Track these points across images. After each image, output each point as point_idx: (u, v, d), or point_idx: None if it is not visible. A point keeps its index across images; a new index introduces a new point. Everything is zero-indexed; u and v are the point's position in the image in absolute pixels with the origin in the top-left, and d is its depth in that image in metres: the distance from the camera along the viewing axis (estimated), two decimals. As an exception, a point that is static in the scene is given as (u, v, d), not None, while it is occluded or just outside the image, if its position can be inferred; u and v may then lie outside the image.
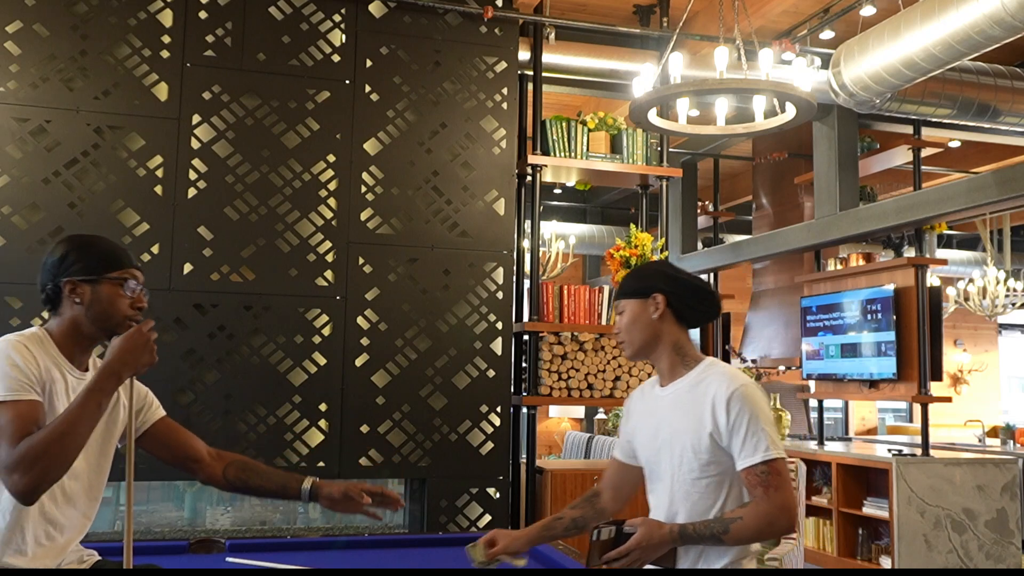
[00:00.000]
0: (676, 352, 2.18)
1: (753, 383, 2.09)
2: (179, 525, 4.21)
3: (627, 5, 5.59)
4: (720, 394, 2.05)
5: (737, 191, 9.47)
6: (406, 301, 4.37)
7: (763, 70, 3.69)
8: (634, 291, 2.19)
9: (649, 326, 2.16)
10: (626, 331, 2.19)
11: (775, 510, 1.99)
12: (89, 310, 1.99)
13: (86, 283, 1.98)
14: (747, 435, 2.01)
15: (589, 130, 4.91)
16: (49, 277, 2.00)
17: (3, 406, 1.81)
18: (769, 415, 2.06)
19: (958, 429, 9.29)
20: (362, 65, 4.41)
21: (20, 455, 1.74)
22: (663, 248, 4.92)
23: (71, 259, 1.99)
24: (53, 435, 1.77)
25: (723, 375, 2.09)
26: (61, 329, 2.01)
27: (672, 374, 2.19)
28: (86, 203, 3.99)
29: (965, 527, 5.50)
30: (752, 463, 2.00)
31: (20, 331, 2.00)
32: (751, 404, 2.03)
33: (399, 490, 4.60)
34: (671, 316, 2.17)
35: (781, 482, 2.00)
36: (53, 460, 1.76)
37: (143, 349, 1.90)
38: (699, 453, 2.06)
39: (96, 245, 2.04)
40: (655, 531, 2.05)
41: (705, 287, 2.22)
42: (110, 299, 1.99)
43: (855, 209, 6.14)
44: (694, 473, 2.08)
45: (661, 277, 2.19)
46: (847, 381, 6.36)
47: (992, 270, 8.46)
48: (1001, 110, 5.65)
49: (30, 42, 3.98)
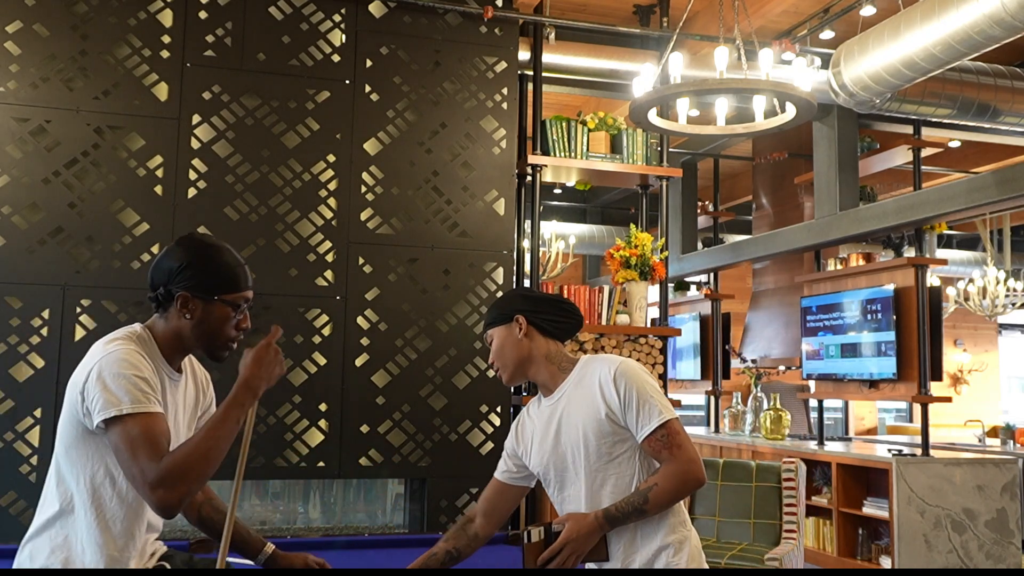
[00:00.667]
0: (551, 362, 2.27)
1: (630, 360, 2.20)
2: (179, 525, 4.21)
3: (627, 5, 5.59)
4: (604, 375, 2.15)
5: (737, 191, 9.47)
6: (406, 301, 4.37)
7: (763, 70, 3.69)
8: (496, 319, 2.29)
9: (517, 346, 2.26)
10: (498, 357, 2.29)
11: (685, 464, 2.09)
12: (196, 327, 1.97)
13: (200, 300, 1.95)
14: (639, 406, 2.12)
15: (589, 130, 4.91)
16: (163, 280, 1.96)
17: (134, 419, 1.78)
18: (653, 383, 2.18)
19: (958, 429, 9.29)
20: (362, 65, 4.41)
21: (166, 471, 1.73)
22: (663, 248, 4.92)
23: (190, 272, 1.94)
24: (198, 451, 1.77)
25: (601, 360, 2.21)
26: (165, 333, 1.99)
27: (554, 382, 2.27)
28: (86, 203, 4.00)
29: (965, 527, 5.50)
30: (651, 430, 2.11)
31: (124, 328, 1.97)
32: (634, 377, 2.14)
33: (399, 490, 4.61)
34: (536, 332, 2.27)
35: (681, 439, 2.11)
36: (198, 476, 1.77)
37: (274, 362, 1.92)
38: (602, 436, 2.14)
39: (216, 260, 1.98)
40: (582, 522, 2.12)
41: (561, 300, 2.33)
42: (219, 321, 1.98)
43: (855, 209, 6.14)
44: (604, 457, 2.15)
45: (518, 299, 2.31)
46: (847, 381, 6.36)
47: (992, 270, 8.46)
48: (1001, 110, 5.65)
49: (30, 42, 3.98)
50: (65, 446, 1.90)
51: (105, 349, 1.88)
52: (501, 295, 2.42)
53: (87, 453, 1.87)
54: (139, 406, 1.80)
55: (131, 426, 1.78)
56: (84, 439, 1.87)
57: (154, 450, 1.76)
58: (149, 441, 1.77)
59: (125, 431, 1.77)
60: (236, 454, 1.94)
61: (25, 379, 3.85)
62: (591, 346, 4.64)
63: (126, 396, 1.80)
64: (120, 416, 1.78)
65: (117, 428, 1.78)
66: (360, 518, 4.56)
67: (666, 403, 2.15)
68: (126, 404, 1.79)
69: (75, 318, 3.93)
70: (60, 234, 3.96)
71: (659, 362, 4.73)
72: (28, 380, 3.84)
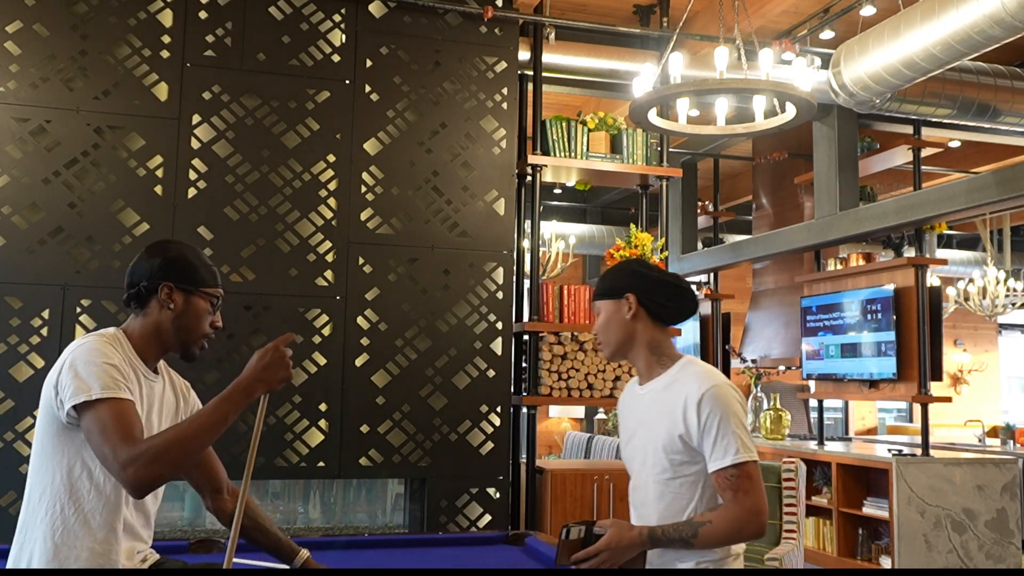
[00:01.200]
0: (652, 351, 2.17)
1: (727, 383, 2.07)
2: (179, 525, 4.21)
3: (627, 5, 5.60)
4: (692, 395, 2.04)
5: (737, 191, 9.47)
6: (406, 301, 4.37)
7: (763, 70, 3.69)
8: (607, 292, 2.19)
9: (623, 326, 2.16)
10: (602, 332, 2.20)
11: (745, 514, 1.98)
12: (178, 318, 2.03)
13: (182, 291, 2.03)
14: (718, 437, 2.00)
15: (589, 130, 4.91)
16: (144, 276, 2.04)
17: (104, 404, 1.82)
18: (742, 417, 2.04)
19: (958, 429, 9.29)
20: (362, 65, 4.41)
21: (140, 451, 1.75)
22: (663, 248, 4.92)
23: (176, 266, 2.03)
24: (177, 437, 1.79)
25: (697, 375, 2.08)
26: (142, 331, 2.04)
27: (649, 373, 2.19)
28: (86, 203, 4.00)
29: (965, 527, 5.50)
30: (722, 466, 1.99)
31: (99, 331, 2.02)
32: (723, 405, 2.02)
33: (399, 490, 4.61)
34: (645, 315, 2.16)
35: (751, 486, 1.99)
36: (171, 461, 1.77)
37: (280, 365, 1.90)
38: (670, 454, 2.06)
39: (198, 258, 2.09)
40: (624, 533, 2.04)
41: (679, 284, 2.20)
42: (198, 313, 2.05)
43: (855, 209, 6.14)
44: (667, 473, 2.07)
45: (633, 276, 2.19)
46: (847, 381, 6.36)
47: (992, 270, 8.46)
48: (1001, 110, 5.65)
49: (30, 42, 3.98)
50: (41, 444, 1.93)
51: (82, 340, 1.95)
52: (618, 264, 2.26)
53: (63, 448, 1.90)
54: (109, 392, 1.83)
55: (102, 410, 1.81)
56: (60, 435, 1.90)
57: (126, 431, 1.79)
58: (120, 423, 1.79)
59: (96, 415, 1.81)
60: (244, 454, 1.95)
61: (25, 379, 3.85)
62: (591, 346, 4.65)
63: (96, 382, 1.83)
64: (90, 401, 1.82)
65: (88, 413, 1.82)
66: (360, 518, 4.56)
67: (748, 443, 2.02)
68: (96, 390, 1.82)
69: (75, 318, 3.93)
70: (60, 234, 3.96)
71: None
72: (28, 380, 3.84)
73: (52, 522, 1.88)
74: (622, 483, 4.55)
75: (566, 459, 7.60)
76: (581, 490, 4.49)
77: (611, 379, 4.65)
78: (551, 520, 4.43)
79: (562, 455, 8.15)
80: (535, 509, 4.53)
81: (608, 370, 4.65)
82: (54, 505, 1.89)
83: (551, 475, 4.51)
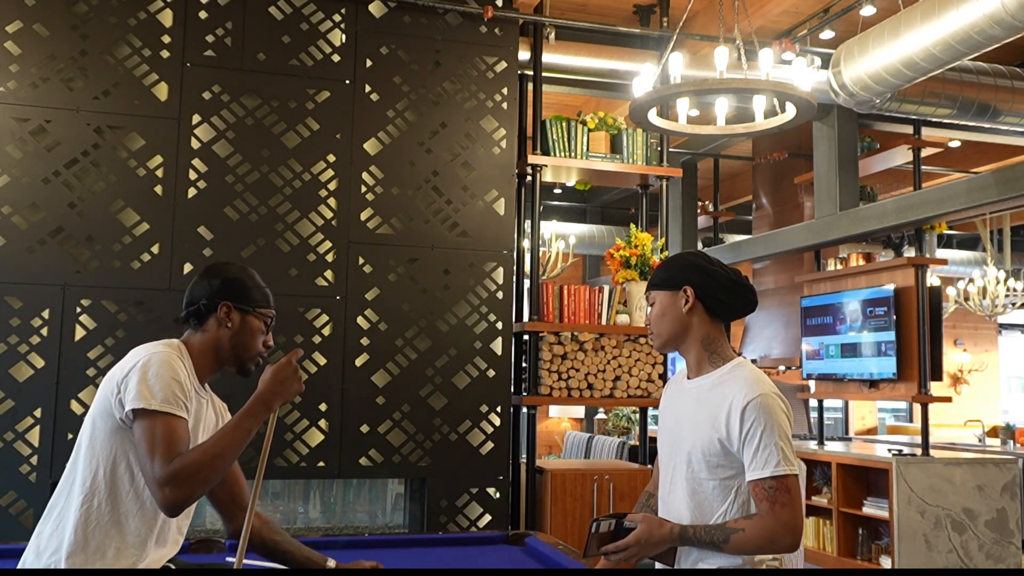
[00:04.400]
0: (705, 347, 2.11)
1: (775, 393, 2.01)
2: (179, 525, 4.21)
3: (627, 5, 5.60)
4: (737, 401, 1.98)
5: (737, 191, 9.47)
6: (406, 301, 4.37)
7: (763, 70, 3.69)
8: (664, 282, 2.13)
9: (678, 319, 2.10)
10: (655, 323, 2.14)
11: (779, 527, 1.92)
12: (235, 336, 2.11)
13: (239, 311, 2.11)
14: (759, 447, 1.94)
15: (589, 130, 4.91)
16: (205, 294, 2.11)
17: (160, 417, 1.86)
18: (786, 428, 1.98)
19: (958, 429, 9.29)
20: (362, 65, 4.41)
21: (174, 471, 1.79)
22: (663, 248, 4.92)
23: (236, 286, 2.12)
24: (207, 456, 1.84)
25: (746, 380, 2.02)
26: (202, 347, 2.10)
27: (699, 369, 2.13)
28: (86, 203, 4.00)
29: (965, 527, 5.50)
30: (761, 476, 1.94)
31: (165, 340, 2.05)
32: (767, 415, 1.96)
33: (399, 490, 4.61)
34: (702, 309, 2.09)
35: (789, 499, 1.93)
36: (203, 480, 1.82)
37: (292, 379, 1.98)
38: (708, 456, 2.01)
39: (253, 280, 2.18)
40: (655, 529, 2.01)
41: (740, 281, 2.13)
42: (253, 331, 2.14)
43: (855, 209, 6.14)
44: (703, 473, 2.02)
45: (693, 269, 2.11)
46: (847, 381, 6.36)
47: (992, 270, 8.46)
48: (1001, 110, 5.65)
49: (30, 42, 3.98)
50: (91, 435, 1.96)
51: (153, 348, 1.99)
52: (676, 254, 2.21)
53: (111, 444, 1.94)
54: (168, 407, 1.88)
55: (157, 423, 1.85)
56: (112, 432, 1.94)
57: (171, 451, 1.83)
58: (168, 441, 1.84)
59: (150, 426, 1.85)
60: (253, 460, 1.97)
61: (25, 379, 3.85)
62: (591, 346, 4.65)
63: (160, 394, 1.88)
64: (149, 410, 1.86)
65: (143, 421, 1.86)
66: (360, 518, 4.56)
67: (791, 456, 1.95)
68: (157, 400, 1.87)
69: (75, 318, 3.93)
70: (60, 234, 3.96)
71: (659, 362, 4.73)
72: (28, 380, 3.84)
73: (87, 514, 1.91)
74: (622, 483, 4.56)
75: (566, 459, 7.61)
76: (581, 490, 4.49)
77: (611, 379, 4.65)
78: (551, 520, 4.43)
79: (562, 455, 8.15)
80: (535, 509, 4.53)
81: (608, 370, 4.65)
82: (92, 498, 1.92)
83: (551, 475, 4.51)
